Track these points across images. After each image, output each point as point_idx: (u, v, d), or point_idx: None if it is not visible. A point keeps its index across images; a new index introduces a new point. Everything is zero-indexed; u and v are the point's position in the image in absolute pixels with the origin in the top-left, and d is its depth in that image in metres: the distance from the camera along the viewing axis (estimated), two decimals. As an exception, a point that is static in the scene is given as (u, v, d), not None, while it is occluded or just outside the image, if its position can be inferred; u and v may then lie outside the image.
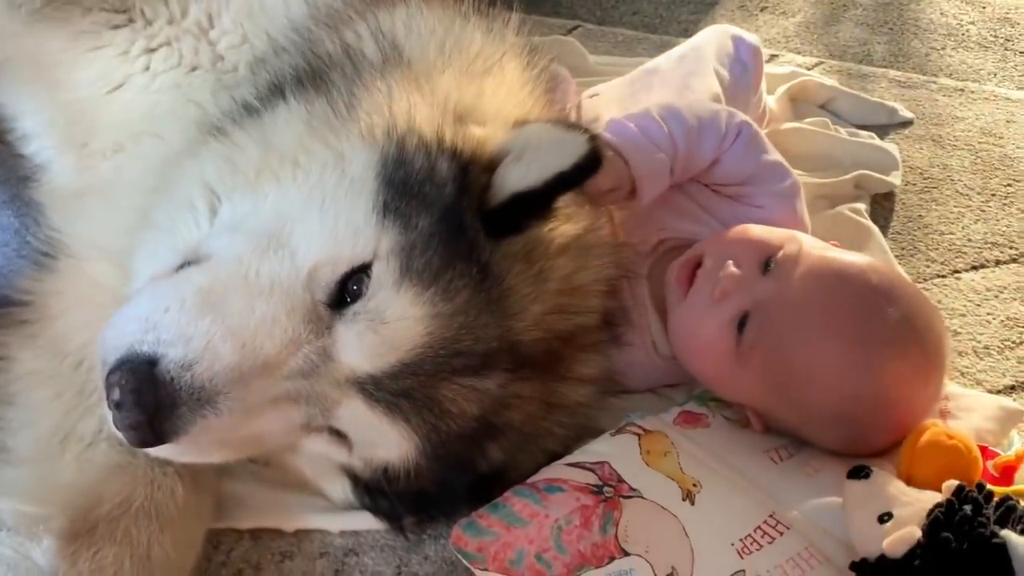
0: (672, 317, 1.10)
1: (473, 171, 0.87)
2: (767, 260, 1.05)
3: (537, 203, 0.88)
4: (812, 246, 1.06)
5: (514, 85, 1.03)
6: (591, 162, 0.86)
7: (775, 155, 1.20)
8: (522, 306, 0.86)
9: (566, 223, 0.92)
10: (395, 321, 0.81)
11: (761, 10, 2.37)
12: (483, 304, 0.84)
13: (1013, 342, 1.29)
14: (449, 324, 0.82)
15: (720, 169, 1.18)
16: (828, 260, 1.04)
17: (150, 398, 0.76)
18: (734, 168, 1.17)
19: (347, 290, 0.82)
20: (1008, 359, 1.26)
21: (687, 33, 2.16)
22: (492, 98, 0.98)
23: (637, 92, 1.45)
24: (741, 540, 0.91)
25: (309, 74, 0.96)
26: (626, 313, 1.06)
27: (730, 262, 1.04)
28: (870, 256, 1.30)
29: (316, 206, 0.84)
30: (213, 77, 1.02)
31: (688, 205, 1.20)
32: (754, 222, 1.14)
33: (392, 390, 0.82)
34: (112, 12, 1.03)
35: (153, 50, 1.03)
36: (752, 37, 1.57)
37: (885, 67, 2.08)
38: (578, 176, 0.86)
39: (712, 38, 1.56)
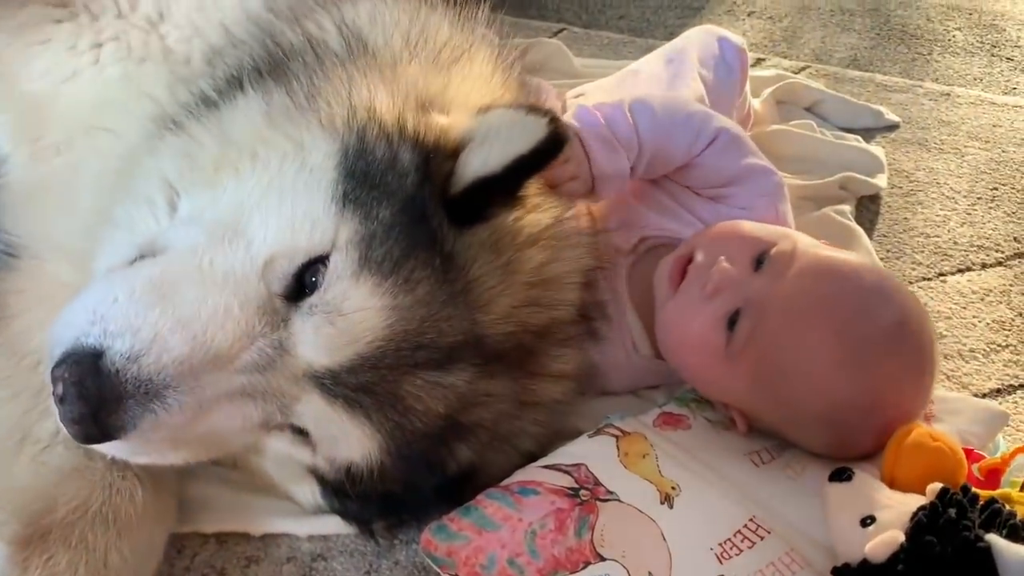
0: (661, 313, 1.08)
1: (436, 160, 0.85)
2: (760, 256, 1.02)
3: (501, 189, 0.85)
4: (806, 244, 1.04)
5: (483, 75, 1.01)
6: (551, 145, 0.83)
7: (758, 157, 1.17)
8: (489, 298, 0.84)
9: (536, 212, 0.90)
10: (353, 312, 0.78)
11: (748, 15, 2.36)
12: (446, 296, 0.81)
13: (999, 345, 1.27)
14: (410, 316, 0.79)
15: (697, 172, 1.15)
16: (822, 259, 1.01)
17: (93, 391, 0.73)
18: (712, 172, 1.15)
19: (305, 283, 0.80)
20: (994, 362, 1.24)
21: (673, 37, 2.15)
22: (458, 87, 0.96)
23: (623, 91, 1.43)
24: (720, 544, 0.88)
25: (268, 65, 0.94)
26: (603, 307, 1.03)
27: (722, 258, 1.02)
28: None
29: (274, 197, 0.82)
30: (166, 69, 1.00)
31: (669, 203, 1.17)
32: None
33: (351, 385, 0.79)
34: (51, 6, 1.00)
35: (101, 44, 1.00)
36: (737, 38, 1.56)
37: (871, 72, 2.07)
38: (538, 160, 0.84)
39: (696, 39, 1.54)
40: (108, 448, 0.78)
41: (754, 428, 1.02)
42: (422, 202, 0.82)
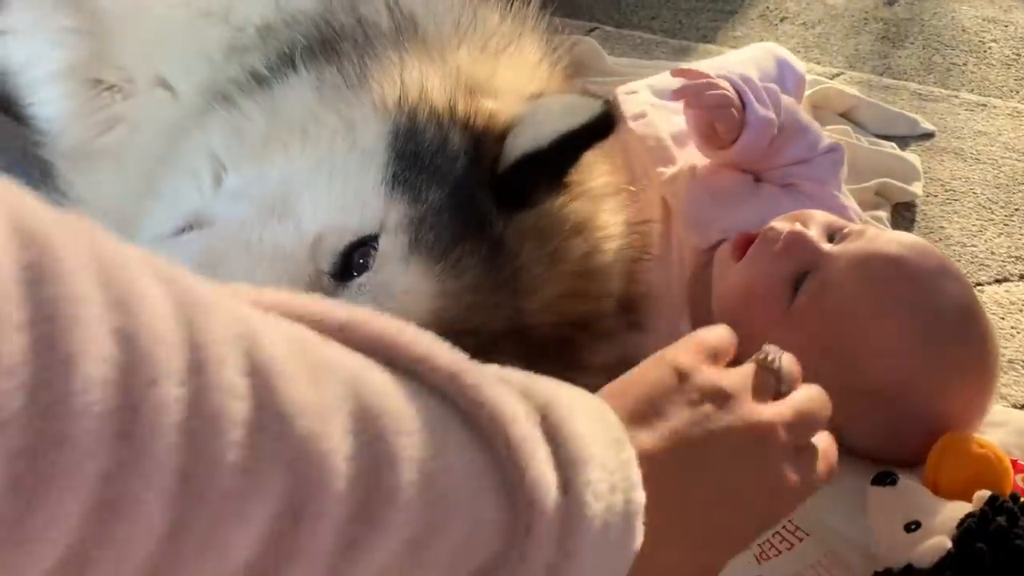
0: (720, 285, 1.05)
1: (486, 143, 0.84)
2: (832, 234, 1.02)
3: (548, 172, 0.84)
4: (880, 229, 1.06)
5: (531, 63, 1.00)
6: (602, 123, 0.82)
7: (846, 197, 1.23)
8: (535, 287, 0.83)
9: (584, 200, 0.88)
10: (401, 296, 0.77)
11: (781, 20, 2.34)
12: (493, 283, 0.80)
13: (1038, 357, 1.26)
14: (457, 302, 0.78)
15: (801, 171, 1.17)
16: (897, 236, 1.03)
17: None
18: (819, 174, 1.18)
19: (353, 263, 0.79)
20: (1033, 374, 1.23)
21: (706, 39, 2.13)
22: (507, 74, 0.95)
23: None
24: (759, 545, 0.87)
25: (320, 44, 0.93)
26: (645, 301, 1.02)
27: (797, 223, 1.02)
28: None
29: (324, 175, 0.81)
30: (225, 31, 0.99)
31: (759, 207, 1.14)
32: None
33: None
34: None
35: None
36: (799, 64, 1.54)
37: (905, 80, 2.05)
38: (587, 137, 0.82)
39: (754, 57, 1.51)
40: None
41: None
42: (471, 186, 0.81)
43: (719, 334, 0.63)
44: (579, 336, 0.90)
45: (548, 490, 0.45)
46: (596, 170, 0.93)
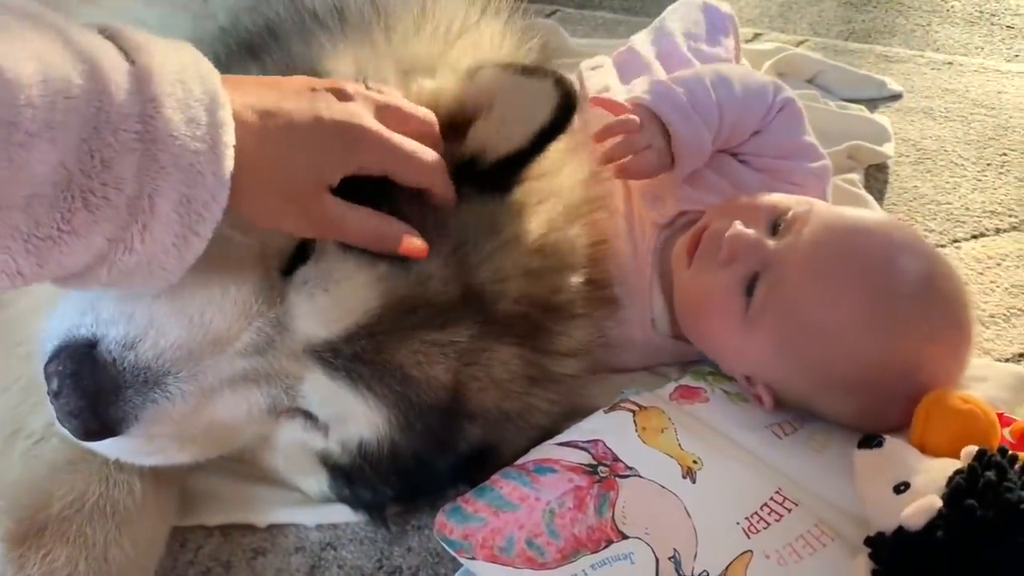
0: (678, 287, 1.04)
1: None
2: (776, 221, 0.98)
3: (513, 161, 0.82)
4: (824, 205, 1.00)
5: (489, 46, 0.97)
6: (566, 111, 0.80)
7: (813, 137, 1.15)
8: (485, 259, 0.81)
9: (538, 179, 0.86)
10: (345, 280, 0.75)
11: (743, -10, 2.32)
12: (442, 257, 0.78)
13: (1019, 309, 1.24)
14: (403, 280, 0.76)
15: (762, 139, 1.12)
16: (844, 214, 0.97)
17: (90, 381, 0.69)
18: (775, 140, 1.12)
19: (301, 255, 0.77)
20: (1015, 326, 1.21)
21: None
22: (459, 55, 0.92)
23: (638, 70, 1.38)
24: (747, 518, 0.85)
25: (259, 38, 0.89)
26: (612, 282, 0.99)
27: (737, 222, 0.98)
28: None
29: None
30: (197, 26, 0.95)
31: (716, 180, 1.12)
32: None
33: (349, 355, 0.76)
34: None
35: None
36: (724, 6, 1.51)
37: (871, 43, 2.03)
38: (558, 128, 0.81)
39: (683, 15, 1.48)
40: (111, 448, 0.75)
41: (781, 401, 0.97)
42: None
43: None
44: (547, 320, 0.87)
45: (118, 62, 0.60)
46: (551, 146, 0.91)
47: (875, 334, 0.89)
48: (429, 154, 0.77)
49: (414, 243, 0.75)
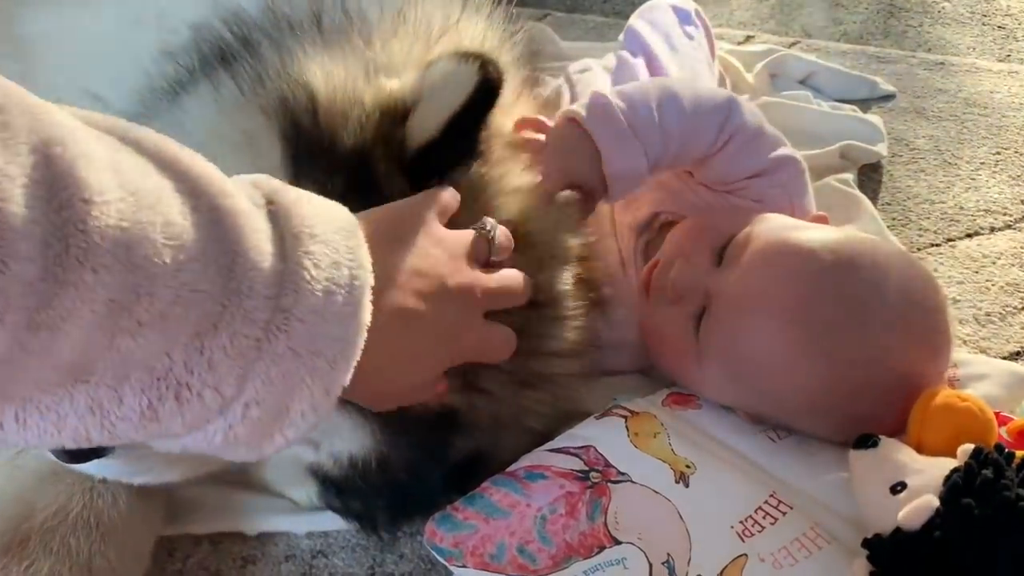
0: (639, 319, 1.03)
1: (384, 124, 0.79)
2: (721, 249, 0.95)
3: (456, 147, 0.79)
4: (768, 227, 0.94)
5: (471, 43, 0.95)
6: (483, 95, 0.76)
7: (776, 148, 1.05)
8: None
9: (497, 164, 0.83)
10: None
11: (734, -7, 2.32)
12: None
13: (1015, 307, 1.23)
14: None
15: (710, 170, 1.05)
16: (777, 240, 0.91)
17: None
18: (723, 172, 1.04)
19: None
20: (1011, 325, 1.20)
21: (659, 16, 2.08)
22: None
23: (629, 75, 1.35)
24: (741, 522, 0.84)
25: (230, 46, 0.88)
26: (601, 283, 0.98)
27: (680, 259, 0.96)
28: (853, 228, 1.23)
29: None
30: (158, 38, 0.94)
31: (678, 185, 1.10)
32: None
33: None
34: None
35: None
36: (688, 3, 1.50)
37: (862, 45, 2.03)
38: (475, 114, 0.77)
39: (652, 20, 1.45)
40: (98, 468, 0.73)
41: (761, 420, 0.95)
42: (370, 169, 0.77)
43: (452, 194, 0.77)
44: (536, 322, 0.85)
45: (263, 257, 0.52)
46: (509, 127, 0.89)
47: (811, 362, 0.86)
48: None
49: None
